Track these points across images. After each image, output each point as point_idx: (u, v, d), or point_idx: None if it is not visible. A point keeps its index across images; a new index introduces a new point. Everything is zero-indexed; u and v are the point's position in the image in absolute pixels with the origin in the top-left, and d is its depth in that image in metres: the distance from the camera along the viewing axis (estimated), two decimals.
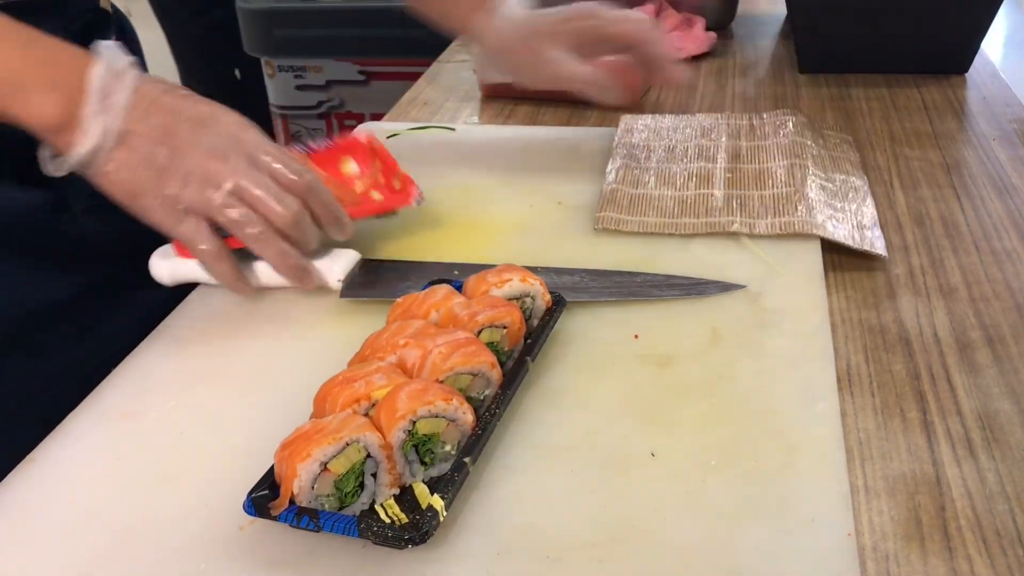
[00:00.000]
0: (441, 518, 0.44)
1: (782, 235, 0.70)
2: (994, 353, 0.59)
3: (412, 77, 1.15)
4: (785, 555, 0.44)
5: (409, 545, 0.43)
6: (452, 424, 0.48)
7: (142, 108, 0.58)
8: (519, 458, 0.51)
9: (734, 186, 0.77)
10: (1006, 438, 0.52)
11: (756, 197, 0.75)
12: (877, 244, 0.70)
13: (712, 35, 1.18)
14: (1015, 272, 0.68)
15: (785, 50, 1.19)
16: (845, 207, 0.75)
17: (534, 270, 0.61)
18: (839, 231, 0.70)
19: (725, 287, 0.64)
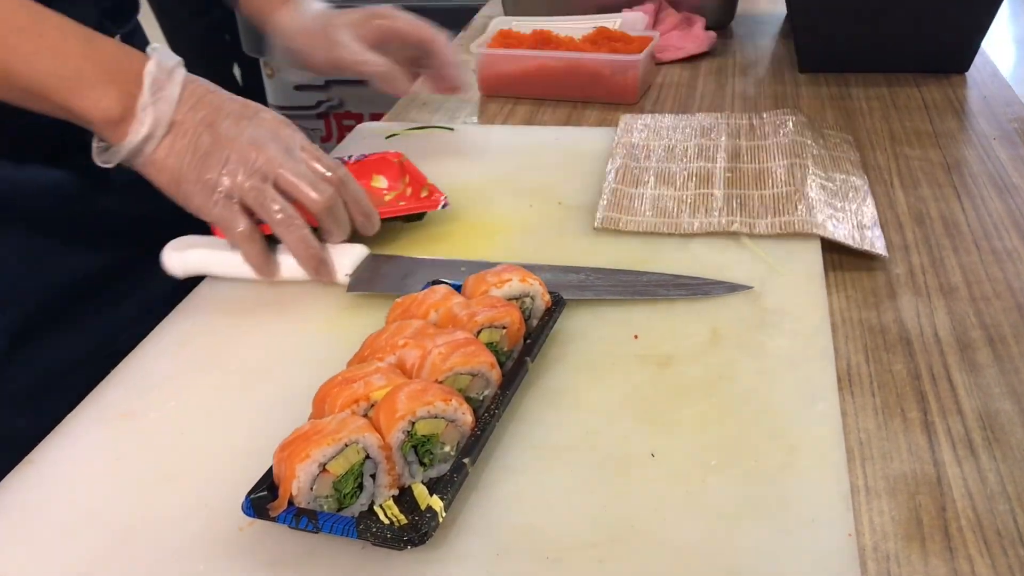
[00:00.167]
0: (440, 519, 0.44)
1: (782, 235, 0.70)
2: (995, 353, 0.59)
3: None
4: (785, 555, 0.44)
5: (408, 546, 0.43)
6: (451, 425, 0.48)
7: (190, 102, 0.62)
8: (518, 458, 0.51)
9: (734, 186, 0.77)
10: (1007, 438, 0.52)
11: (756, 197, 0.75)
12: (877, 244, 0.70)
13: (712, 34, 1.18)
14: (1016, 271, 0.68)
15: (785, 49, 1.19)
16: (845, 207, 0.75)
17: (538, 268, 0.61)
18: (839, 231, 0.70)
19: (732, 288, 0.64)
